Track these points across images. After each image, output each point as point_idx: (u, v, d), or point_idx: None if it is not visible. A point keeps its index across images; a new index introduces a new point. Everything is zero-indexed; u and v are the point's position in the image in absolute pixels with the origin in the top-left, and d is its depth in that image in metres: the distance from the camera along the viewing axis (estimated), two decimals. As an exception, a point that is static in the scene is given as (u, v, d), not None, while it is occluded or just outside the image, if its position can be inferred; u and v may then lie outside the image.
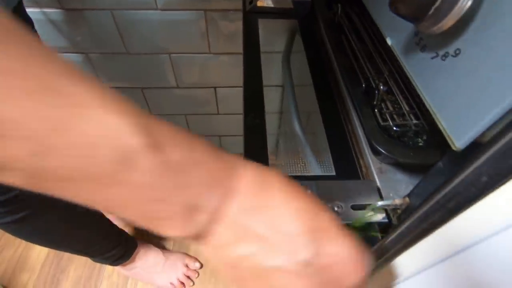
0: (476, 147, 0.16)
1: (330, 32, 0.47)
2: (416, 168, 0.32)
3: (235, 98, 0.91)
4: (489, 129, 0.14)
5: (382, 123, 0.33)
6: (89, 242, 0.68)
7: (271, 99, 0.43)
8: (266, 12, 0.58)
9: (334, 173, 0.34)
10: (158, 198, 0.14)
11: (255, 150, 0.37)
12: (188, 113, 0.97)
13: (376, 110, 0.34)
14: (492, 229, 0.14)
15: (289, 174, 0.34)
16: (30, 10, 0.65)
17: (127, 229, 0.91)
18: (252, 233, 0.16)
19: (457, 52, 0.16)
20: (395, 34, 0.21)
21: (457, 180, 0.17)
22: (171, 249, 1.01)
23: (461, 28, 0.15)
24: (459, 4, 0.14)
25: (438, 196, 0.19)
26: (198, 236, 0.16)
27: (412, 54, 0.19)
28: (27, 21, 0.50)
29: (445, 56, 0.16)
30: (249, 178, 0.17)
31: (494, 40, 0.14)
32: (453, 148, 0.16)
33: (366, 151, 0.34)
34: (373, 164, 0.33)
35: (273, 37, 0.61)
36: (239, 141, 1.10)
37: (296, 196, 0.17)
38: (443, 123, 0.16)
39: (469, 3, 0.15)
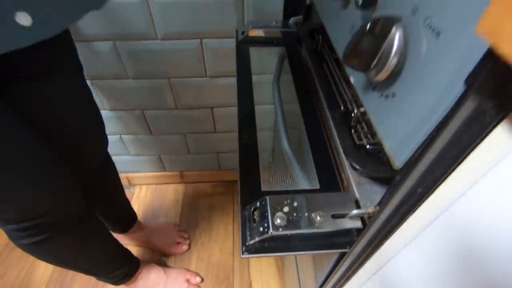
0: (414, 165, 0.21)
1: (313, 59, 0.53)
2: (388, 180, 0.37)
3: (230, 117, 0.97)
4: (416, 152, 0.19)
5: (358, 142, 0.38)
6: (97, 261, 0.71)
7: (265, 118, 0.48)
8: (257, 42, 0.65)
9: (318, 187, 0.39)
10: None
11: (249, 168, 0.42)
12: (186, 132, 1.02)
13: (352, 131, 0.39)
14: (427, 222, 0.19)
15: (280, 189, 0.38)
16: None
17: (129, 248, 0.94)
18: None
19: (393, 94, 0.21)
20: (356, 75, 0.26)
21: (402, 192, 0.22)
22: (172, 265, 1.03)
23: (393, 78, 0.20)
24: (388, 62, 0.20)
25: (393, 204, 0.24)
26: None
27: (367, 92, 0.24)
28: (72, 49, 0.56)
29: (387, 96, 0.22)
30: None
31: (415, 87, 0.19)
32: (394, 167, 0.21)
33: (346, 166, 0.39)
34: (352, 178, 0.38)
35: (264, 63, 0.67)
36: (235, 158, 1.14)
37: None
38: (387, 148, 0.21)
39: (394, 61, 0.20)
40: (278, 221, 0.32)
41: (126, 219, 0.94)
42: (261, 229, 0.32)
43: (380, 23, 0.19)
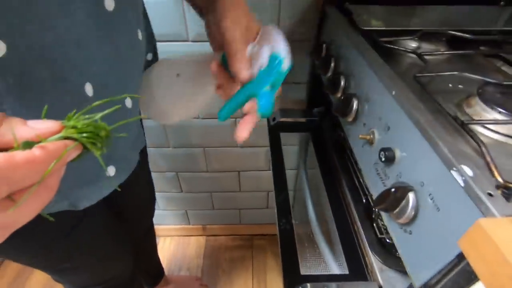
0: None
1: (336, 150, 0.64)
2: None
3: (255, 179, 1.07)
4: (430, 279, 0.28)
5: (379, 235, 0.47)
6: None
7: (290, 180, 0.55)
8: (285, 126, 0.77)
9: (347, 272, 0.47)
10: None
11: (289, 253, 0.50)
12: (213, 191, 1.12)
13: (374, 224, 0.48)
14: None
15: (316, 274, 0.46)
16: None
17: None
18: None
19: (411, 232, 0.30)
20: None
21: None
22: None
23: (410, 223, 0.30)
24: (407, 213, 0.30)
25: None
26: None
27: (391, 222, 0.34)
28: None
29: (405, 231, 0.31)
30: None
31: (424, 236, 0.28)
32: (414, 286, 0.30)
33: (370, 254, 0.48)
34: (376, 265, 0.46)
35: (291, 144, 0.78)
36: (256, 213, 1.22)
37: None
38: (408, 270, 0.30)
39: (412, 213, 0.30)
40: (319, 307, 0.40)
41: (156, 274, 1.00)
42: (304, 313, 0.40)
43: (400, 189, 0.30)
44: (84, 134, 0.19)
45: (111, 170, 0.39)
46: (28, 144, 0.17)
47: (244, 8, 0.37)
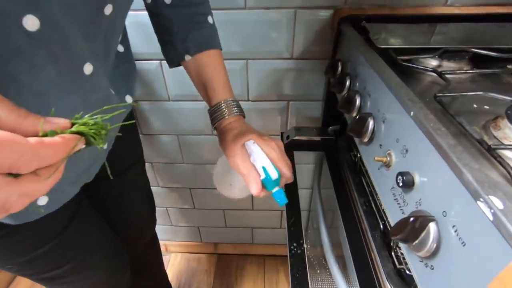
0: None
1: (351, 172, 0.61)
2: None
3: (268, 198, 1.04)
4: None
5: (398, 266, 0.43)
6: None
7: (303, 200, 0.52)
8: (299, 144, 0.75)
9: (363, 304, 0.43)
10: None
11: (299, 275, 0.47)
12: (226, 208, 1.10)
13: (392, 253, 0.45)
14: None
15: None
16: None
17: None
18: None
19: (432, 267, 0.27)
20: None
21: None
22: None
23: (431, 256, 0.27)
24: (428, 246, 0.27)
25: None
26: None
27: (410, 253, 0.31)
28: None
29: (426, 265, 0.28)
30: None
31: (448, 273, 0.25)
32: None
33: (388, 285, 0.44)
34: (394, 298, 0.42)
35: (306, 166, 0.76)
36: (268, 233, 1.19)
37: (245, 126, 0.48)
38: (430, 311, 0.27)
39: (434, 246, 0.27)
40: None
41: (164, 292, 0.98)
42: None
43: (420, 219, 0.27)
44: (92, 130, 0.24)
45: (42, 200, 0.39)
46: (53, 133, 0.22)
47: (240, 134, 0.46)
